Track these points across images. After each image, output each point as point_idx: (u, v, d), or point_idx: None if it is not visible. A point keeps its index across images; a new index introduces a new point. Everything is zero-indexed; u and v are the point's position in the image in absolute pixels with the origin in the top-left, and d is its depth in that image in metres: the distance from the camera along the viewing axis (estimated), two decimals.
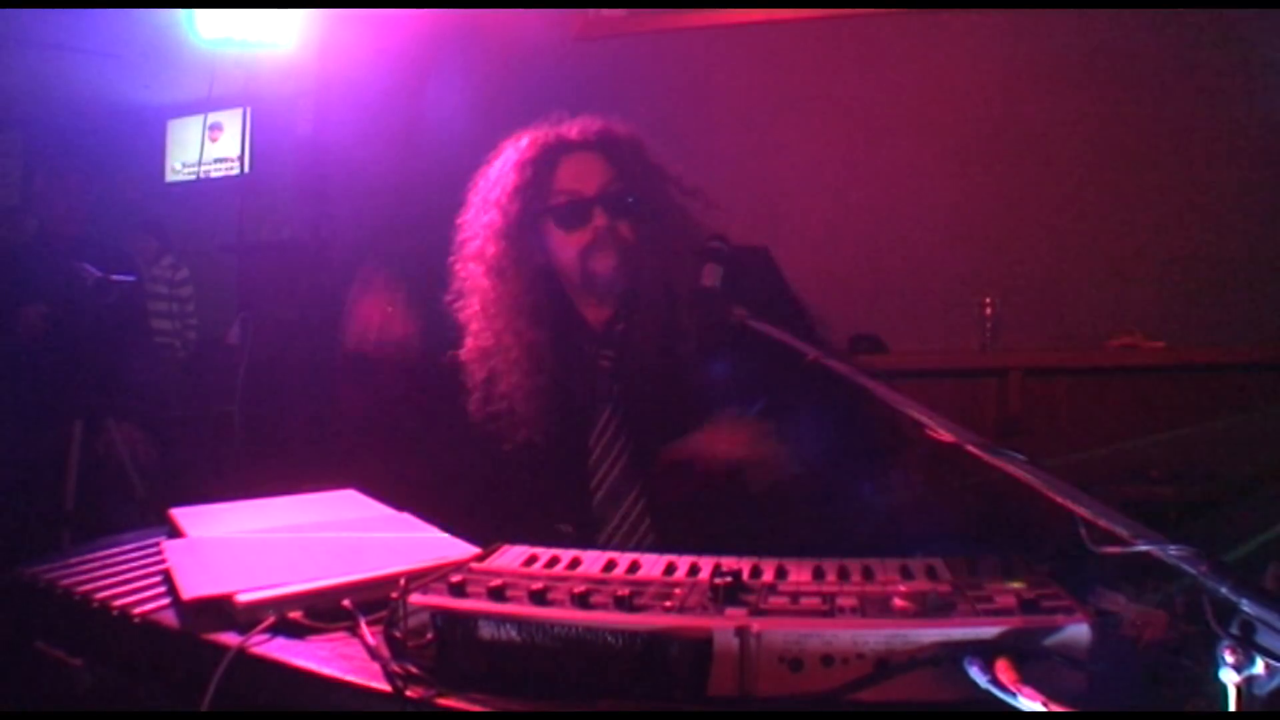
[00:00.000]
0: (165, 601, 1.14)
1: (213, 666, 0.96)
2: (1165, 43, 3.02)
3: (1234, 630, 0.72)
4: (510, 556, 1.09)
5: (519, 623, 0.88)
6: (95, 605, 1.15)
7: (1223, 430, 2.60)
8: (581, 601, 0.89)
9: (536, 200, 1.67)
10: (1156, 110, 3.02)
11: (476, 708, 0.85)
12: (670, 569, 1.03)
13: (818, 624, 0.84)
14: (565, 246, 1.66)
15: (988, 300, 2.90)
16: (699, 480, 1.54)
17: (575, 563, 1.06)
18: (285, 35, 3.64)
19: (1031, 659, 0.78)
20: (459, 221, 1.77)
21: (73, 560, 1.30)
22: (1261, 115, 2.94)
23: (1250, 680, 0.71)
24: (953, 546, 1.07)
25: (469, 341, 1.72)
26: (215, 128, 4.70)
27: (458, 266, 1.76)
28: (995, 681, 0.75)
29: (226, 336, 3.65)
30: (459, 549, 1.26)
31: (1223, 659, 0.72)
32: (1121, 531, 0.79)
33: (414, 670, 0.90)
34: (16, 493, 3.18)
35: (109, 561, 1.31)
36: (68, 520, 3.19)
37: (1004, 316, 2.90)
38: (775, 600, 0.90)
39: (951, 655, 0.79)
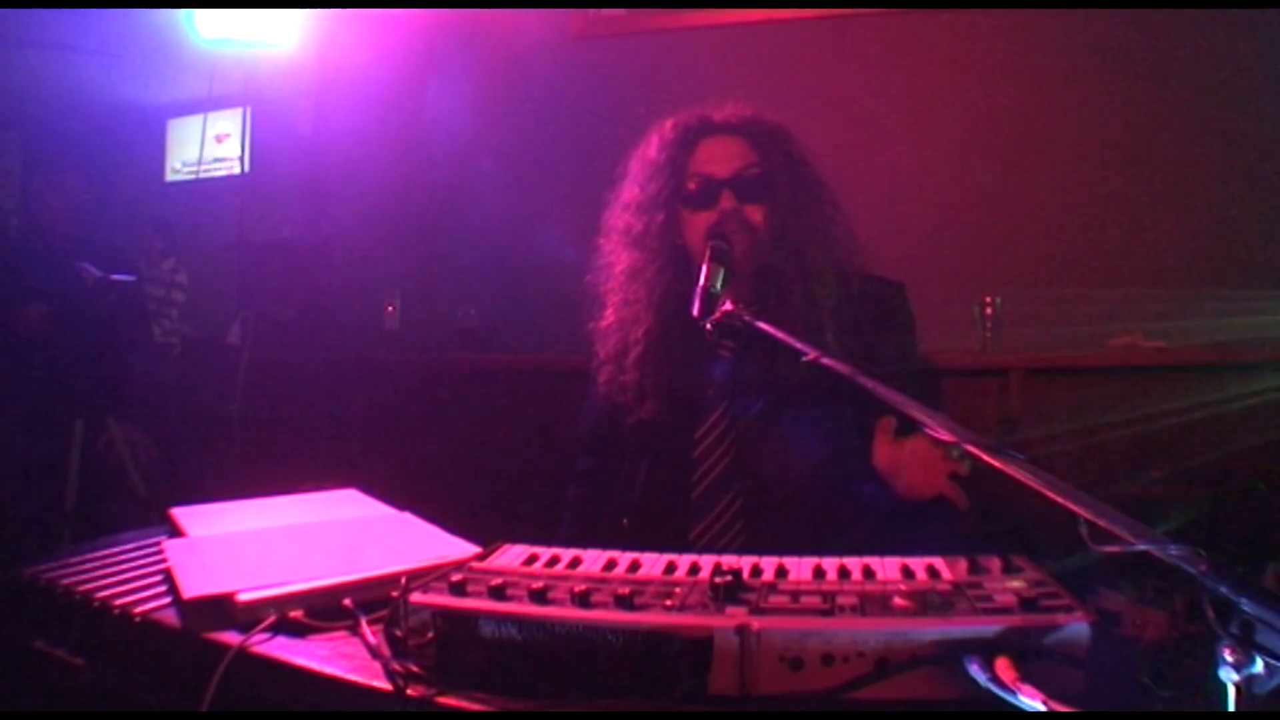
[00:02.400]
0: (165, 601, 1.14)
1: (213, 666, 0.96)
2: (1166, 42, 3.01)
3: (1234, 629, 0.72)
4: (510, 556, 1.09)
5: (519, 622, 0.88)
6: (95, 605, 1.15)
7: (1223, 430, 2.60)
8: (582, 600, 0.89)
9: (673, 180, 1.70)
10: (1157, 109, 3.02)
11: (477, 707, 0.85)
12: (670, 568, 1.03)
13: (818, 623, 0.83)
14: (694, 227, 1.68)
15: (988, 300, 2.90)
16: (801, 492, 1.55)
17: (575, 562, 1.06)
18: (285, 35, 3.64)
19: (1031, 658, 0.78)
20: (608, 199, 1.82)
21: (73, 560, 1.30)
22: (1263, 114, 2.93)
23: (1250, 679, 0.71)
24: (953, 546, 1.07)
25: (607, 314, 1.76)
26: (221, 137, 4.71)
27: (601, 242, 1.80)
28: (995, 680, 0.75)
29: (226, 336, 3.65)
30: (459, 548, 1.26)
31: (1223, 658, 0.72)
32: (1121, 531, 0.79)
33: (415, 669, 0.90)
34: (17, 493, 3.18)
35: (109, 561, 1.31)
36: (68, 520, 3.19)
37: (1004, 316, 2.90)
38: (775, 599, 0.90)
39: (951, 654, 0.79)
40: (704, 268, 1.48)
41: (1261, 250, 2.91)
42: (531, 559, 1.07)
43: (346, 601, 1.06)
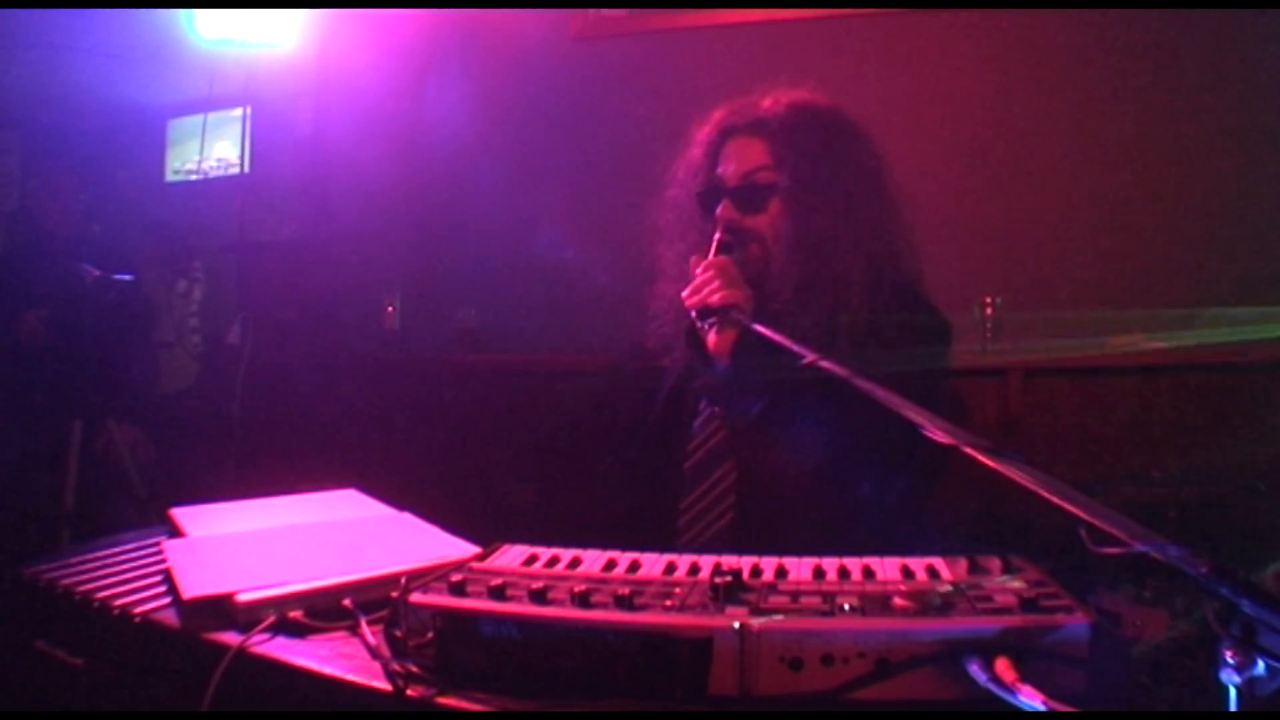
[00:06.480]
0: (165, 601, 1.14)
1: (213, 666, 0.96)
2: (1166, 43, 3.01)
3: (1235, 631, 0.72)
4: (510, 556, 1.09)
5: (519, 622, 0.88)
6: (95, 605, 1.15)
7: (1222, 430, 2.60)
8: (582, 601, 0.89)
9: (697, 179, 1.75)
10: (1157, 110, 3.02)
11: (477, 707, 0.84)
12: (670, 568, 1.03)
13: (818, 623, 0.83)
14: (709, 225, 1.72)
15: (988, 300, 2.90)
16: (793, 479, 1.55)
17: (575, 562, 1.06)
18: (285, 35, 3.64)
19: (1031, 658, 0.78)
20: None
21: (73, 560, 1.30)
22: (1265, 113, 2.93)
23: (1251, 681, 0.71)
24: (953, 546, 1.07)
25: (660, 282, 1.83)
26: (221, 132, 4.72)
27: (657, 213, 1.86)
28: (995, 680, 0.75)
29: (226, 336, 3.65)
30: (459, 548, 1.26)
31: (1224, 659, 0.71)
32: (1121, 532, 0.79)
33: (415, 670, 0.90)
34: (16, 493, 3.18)
35: (109, 561, 1.31)
36: (68, 520, 3.19)
37: (1004, 316, 2.90)
38: (775, 599, 0.90)
39: (951, 654, 0.79)
40: None
41: (1263, 249, 2.91)
42: (531, 559, 1.07)
43: (346, 602, 1.06)
